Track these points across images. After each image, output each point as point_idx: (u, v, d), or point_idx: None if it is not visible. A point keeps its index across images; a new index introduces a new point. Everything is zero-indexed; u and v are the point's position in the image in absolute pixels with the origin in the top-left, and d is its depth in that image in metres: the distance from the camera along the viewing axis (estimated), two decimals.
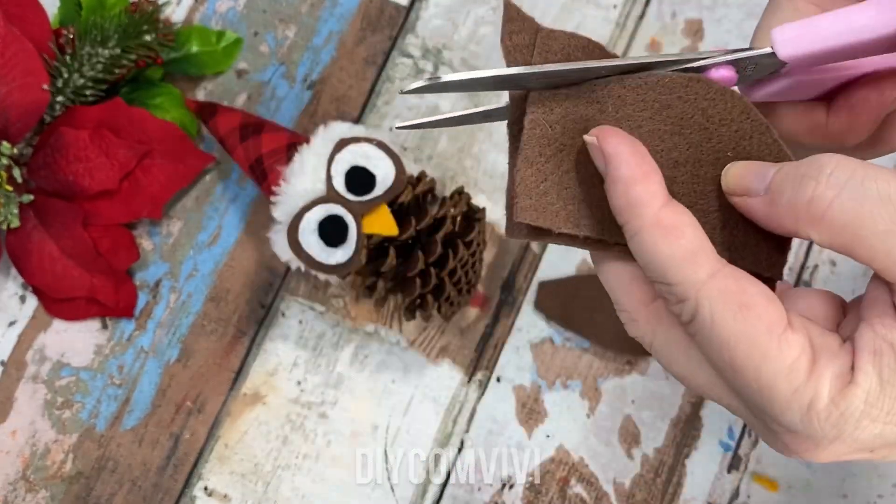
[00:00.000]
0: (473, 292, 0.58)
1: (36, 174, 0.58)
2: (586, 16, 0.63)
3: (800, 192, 0.27)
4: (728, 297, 0.28)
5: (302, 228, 0.53)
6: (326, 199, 0.54)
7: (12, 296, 0.61)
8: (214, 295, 0.60)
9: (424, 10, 0.64)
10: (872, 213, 0.26)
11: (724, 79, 0.31)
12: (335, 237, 0.53)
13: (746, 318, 0.28)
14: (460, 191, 0.55)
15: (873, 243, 0.26)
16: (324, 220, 0.53)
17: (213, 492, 0.58)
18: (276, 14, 0.65)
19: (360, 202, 0.53)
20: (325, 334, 0.60)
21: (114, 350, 0.60)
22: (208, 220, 0.62)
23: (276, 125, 0.59)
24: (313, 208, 0.53)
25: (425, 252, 0.53)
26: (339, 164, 0.54)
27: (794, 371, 0.27)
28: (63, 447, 0.58)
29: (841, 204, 0.27)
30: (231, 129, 0.58)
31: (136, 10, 0.61)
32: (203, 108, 0.61)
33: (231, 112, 0.60)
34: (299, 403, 0.59)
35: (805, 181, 0.27)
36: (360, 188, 0.54)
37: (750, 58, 0.31)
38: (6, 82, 0.57)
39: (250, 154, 0.57)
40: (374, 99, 0.63)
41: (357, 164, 0.54)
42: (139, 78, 0.62)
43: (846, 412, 0.27)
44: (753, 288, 0.28)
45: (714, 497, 0.57)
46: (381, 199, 0.53)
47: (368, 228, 0.53)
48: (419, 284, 0.53)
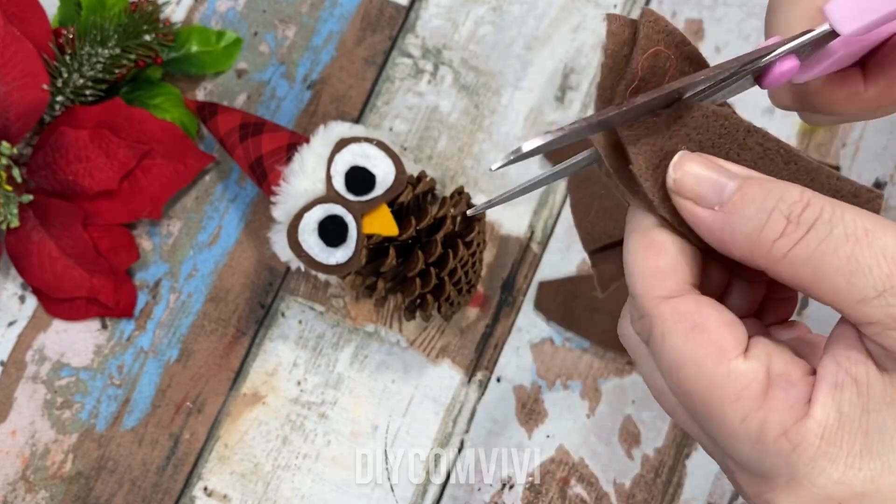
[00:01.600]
0: (474, 292, 0.58)
1: (36, 174, 0.58)
2: (586, 16, 0.63)
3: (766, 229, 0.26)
4: (681, 318, 0.27)
5: (302, 228, 0.53)
6: (326, 198, 0.54)
7: (12, 296, 0.61)
8: (214, 295, 0.60)
9: (424, 10, 0.64)
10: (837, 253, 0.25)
11: (790, 70, 0.30)
12: (335, 237, 0.53)
13: (696, 339, 0.27)
14: (460, 190, 0.55)
15: (836, 283, 0.25)
16: (324, 219, 0.53)
17: (212, 492, 0.58)
18: (276, 14, 0.65)
19: (360, 202, 0.53)
20: (325, 334, 0.60)
21: (114, 350, 0.60)
22: (208, 220, 0.62)
23: (276, 125, 0.59)
24: (313, 208, 0.53)
25: (425, 252, 0.53)
26: (339, 164, 0.54)
27: (742, 398, 0.26)
28: (63, 447, 0.58)
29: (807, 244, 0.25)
30: (231, 128, 0.58)
31: (136, 9, 0.61)
32: (202, 108, 0.61)
33: (231, 112, 0.60)
34: (299, 403, 0.59)
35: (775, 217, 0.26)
36: (360, 188, 0.54)
37: (808, 41, 0.30)
38: (6, 82, 0.57)
39: (250, 154, 0.57)
40: (374, 99, 0.63)
41: (357, 164, 0.54)
42: (139, 78, 0.62)
43: (799, 447, 0.25)
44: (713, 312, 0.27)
45: (714, 497, 0.57)
46: (381, 199, 0.53)
47: (368, 228, 0.53)
48: (419, 284, 0.53)
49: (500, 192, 0.61)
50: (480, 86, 0.63)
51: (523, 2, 0.63)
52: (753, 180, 0.27)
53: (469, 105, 0.62)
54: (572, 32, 0.63)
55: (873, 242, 0.25)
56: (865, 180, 0.60)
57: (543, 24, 0.63)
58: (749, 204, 0.26)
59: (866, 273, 0.25)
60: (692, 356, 0.27)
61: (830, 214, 0.25)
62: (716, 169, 0.27)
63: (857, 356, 0.26)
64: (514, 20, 0.63)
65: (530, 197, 0.61)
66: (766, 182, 0.27)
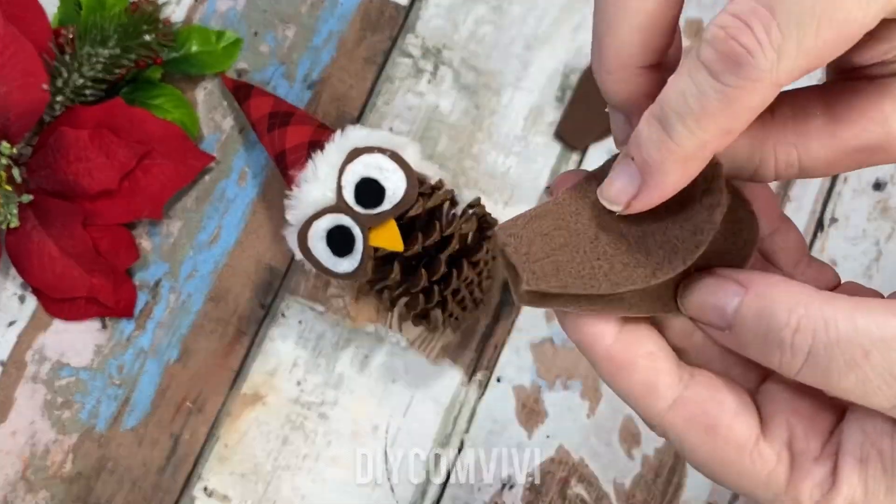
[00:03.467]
0: (482, 307, 0.58)
1: (35, 174, 0.58)
2: (586, 16, 0.63)
3: (768, 359, 0.26)
4: (693, 424, 0.27)
5: (311, 235, 0.53)
6: (335, 208, 0.53)
7: (12, 296, 0.61)
8: (214, 295, 0.60)
9: (424, 10, 0.64)
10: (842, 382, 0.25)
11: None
12: (342, 247, 0.53)
13: (714, 440, 0.27)
14: (473, 204, 0.55)
15: (846, 386, 0.25)
16: (332, 229, 0.53)
17: (212, 492, 0.58)
18: (276, 14, 0.65)
19: (368, 215, 0.53)
20: (325, 334, 0.60)
21: (113, 350, 0.60)
22: (208, 220, 0.62)
23: (305, 115, 0.59)
24: (322, 217, 0.53)
25: (429, 270, 0.53)
26: (350, 174, 0.53)
27: (771, 482, 0.27)
28: (63, 447, 0.58)
29: (812, 371, 0.25)
30: (261, 115, 0.58)
31: (136, 9, 0.61)
32: (238, 89, 0.61)
33: (264, 97, 0.59)
34: (299, 403, 0.59)
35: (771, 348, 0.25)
36: (370, 201, 0.53)
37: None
38: (6, 82, 0.57)
39: (275, 146, 0.57)
40: (374, 99, 0.63)
41: (368, 176, 0.53)
42: (139, 78, 0.62)
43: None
44: (717, 406, 0.27)
45: (714, 497, 0.57)
46: (390, 213, 0.53)
47: (375, 241, 0.53)
48: (423, 300, 0.53)
49: (501, 193, 0.61)
50: (480, 86, 0.63)
51: (523, 1, 0.63)
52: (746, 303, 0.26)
53: (469, 105, 0.62)
54: (573, 32, 0.63)
55: (875, 364, 0.24)
56: (865, 181, 0.60)
57: (544, 23, 0.63)
58: (748, 331, 0.26)
59: (877, 393, 0.25)
60: (715, 456, 0.27)
61: (825, 339, 0.25)
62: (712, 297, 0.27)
63: (883, 426, 0.26)
64: (515, 20, 0.63)
65: (530, 197, 0.61)
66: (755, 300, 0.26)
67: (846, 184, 0.60)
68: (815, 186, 0.60)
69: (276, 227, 0.61)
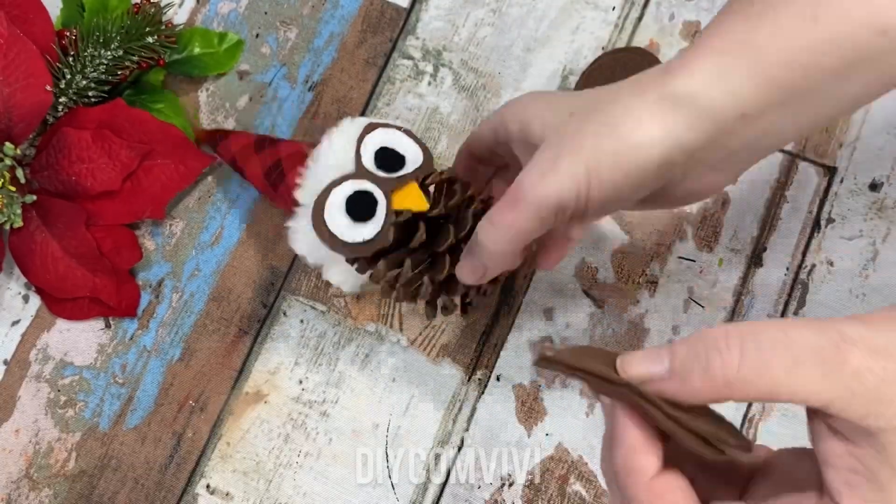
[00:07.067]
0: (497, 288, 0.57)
1: (39, 174, 0.59)
2: (585, 17, 0.64)
3: (709, 368, 0.29)
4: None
5: (329, 204, 0.51)
6: (356, 174, 0.52)
7: (15, 295, 0.61)
8: (216, 294, 0.61)
9: (424, 12, 0.65)
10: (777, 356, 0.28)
11: None
12: (364, 212, 0.51)
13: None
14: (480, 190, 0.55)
15: (789, 382, 0.28)
16: (352, 195, 0.51)
17: (215, 490, 0.58)
18: (278, 16, 0.65)
19: (390, 178, 0.52)
20: (327, 333, 0.60)
21: (116, 349, 0.60)
22: (210, 220, 0.62)
23: (292, 141, 0.59)
24: (342, 183, 0.52)
25: (456, 226, 0.51)
26: (369, 144, 0.53)
27: None
28: (66, 446, 0.59)
29: (749, 361, 0.29)
30: (245, 144, 0.58)
31: (139, 11, 0.61)
32: (211, 135, 0.61)
33: (244, 134, 0.60)
34: (301, 402, 0.59)
35: (710, 355, 0.29)
36: (390, 166, 0.52)
37: None
38: (9, 83, 0.57)
39: (266, 160, 0.56)
40: (375, 100, 0.63)
41: (386, 146, 0.53)
42: (141, 81, 0.62)
43: None
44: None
45: None
46: (411, 176, 0.52)
47: (398, 204, 0.51)
48: (448, 262, 0.51)
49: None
50: (480, 87, 0.63)
51: (523, 4, 0.64)
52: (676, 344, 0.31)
53: (469, 106, 0.63)
54: (571, 34, 0.63)
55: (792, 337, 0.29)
56: (862, 181, 0.60)
57: (543, 25, 0.63)
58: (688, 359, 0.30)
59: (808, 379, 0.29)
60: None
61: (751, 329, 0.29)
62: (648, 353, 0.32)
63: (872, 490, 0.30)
64: (514, 22, 0.64)
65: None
66: (682, 340, 0.31)
67: (843, 184, 0.60)
68: (812, 187, 0.60)
69: (277, 227, 0.61)
